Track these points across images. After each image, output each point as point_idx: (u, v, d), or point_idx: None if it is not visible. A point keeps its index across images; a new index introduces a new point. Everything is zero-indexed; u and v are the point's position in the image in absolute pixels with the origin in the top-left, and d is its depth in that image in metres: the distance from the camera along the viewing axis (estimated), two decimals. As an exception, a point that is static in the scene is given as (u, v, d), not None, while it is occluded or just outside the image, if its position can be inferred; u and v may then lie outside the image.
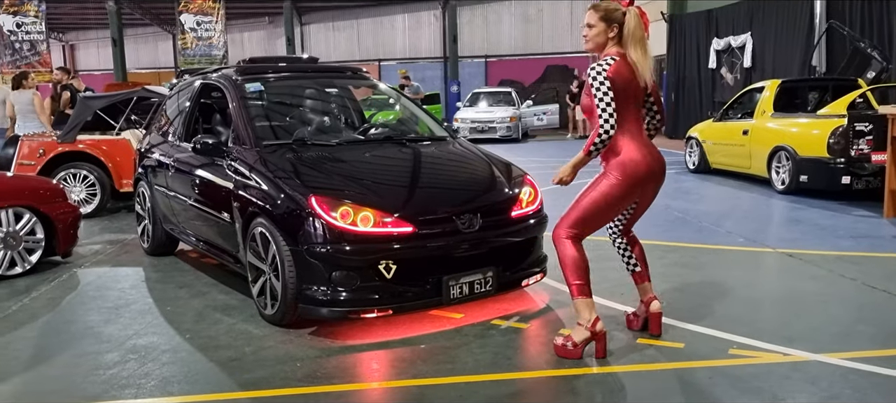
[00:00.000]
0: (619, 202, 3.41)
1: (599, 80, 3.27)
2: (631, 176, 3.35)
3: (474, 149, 4.95)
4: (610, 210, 3.42)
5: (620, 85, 3.31)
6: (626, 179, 3.35)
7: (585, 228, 3.44)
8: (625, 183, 3.36)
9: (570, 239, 3.41)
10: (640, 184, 3.42)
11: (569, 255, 3.40)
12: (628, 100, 3.37)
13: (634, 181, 3.37)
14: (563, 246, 3.42)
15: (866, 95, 8.55)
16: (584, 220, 3.41)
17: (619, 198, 3.39)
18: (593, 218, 3.42)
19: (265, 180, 4.17)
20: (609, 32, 3.38)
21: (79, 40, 34.29)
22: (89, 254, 6.27)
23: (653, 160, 3.43)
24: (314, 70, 5.71)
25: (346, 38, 29.48)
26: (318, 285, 3.81)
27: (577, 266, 3.39)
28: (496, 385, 3.26)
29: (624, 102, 3.34)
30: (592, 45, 3.43)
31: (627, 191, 3.39)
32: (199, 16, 24.88)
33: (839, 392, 3.10)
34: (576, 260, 3.39)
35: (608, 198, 3.37)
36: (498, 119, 18.21)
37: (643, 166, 3.38)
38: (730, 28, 15.30)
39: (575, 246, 3.41)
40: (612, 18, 3.36)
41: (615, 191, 3.36)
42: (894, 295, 4.48)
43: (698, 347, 3.65)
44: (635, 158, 3.36)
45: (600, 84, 3.27)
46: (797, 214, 7.45)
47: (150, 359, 3.68)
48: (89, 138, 8.48)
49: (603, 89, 3.26)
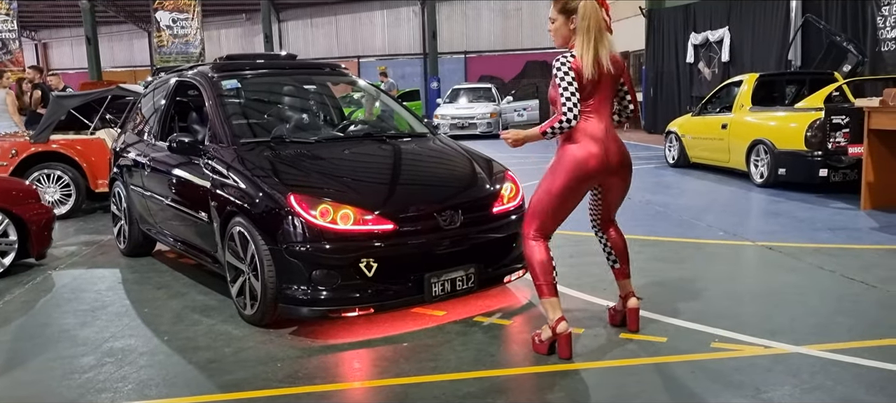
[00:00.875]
0: (571, 193, 3.35)
1: (563, 71, 3.24)
2: (578, 169, 3.30)
3: (455, 145, 4.92)
4: (564, 202, 3.37)
5: (581, 77, 3.26)
6: (574, 172, 3.30)
7: (547, 223, 3.40)
8: (571, 176, 3.31)
9: (534, 239, 3.39)
10: (594, 175, 3.37)
11: (533, 256, 3.38)
12: (593, 91, 3.32)
13: (582, 174, 3.32)
14: (529, 247, 3.40)
15: (842, 88, 8.65)
16: (543, 215, 3.38)
17: (571, 187, 3.33)
18: (552, 211, 3.38)
19: (243, 179, 4.11)
20: (569, 24, 3.34)
21: (52, 39, 33.79)
22: (64, 256, 6.16)
23: (609, 154, 3.36)
24: (292, 66, 5.64)
25: (325, 35, 29.31)
26: (298, 284, 3.76)
27: (541, 266, 3.36)
28: (479, 382, 3.23)
29: (589, 93, 3.30)
30: (559, 40, 3.40)
31: (578, 180, 3.33)
32: (174, 13, 24.59)
33: (821, 383, 3.11)
34: (540, 261, 3.36)
35: (558, 191, 3.33)
36: (478, 115, 18.21)
37: (595, 161, 3.32)
38: (707, 22, 15.40)
39: (540, 245, 3.38)
40: (569, 9, 3.32)
41: (563, 183, 3.32)
42: (872, 287, 4.52)
43: (680, 341, 3.65)
44: (590, 151, 3.31)
45: (564, 74, 3.23)
46: (776, 207, 7.52)
47: (127, 362, 3.61)
48: (63, 138, 8.33)
49: (567, 80, 3.23)
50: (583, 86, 3.27)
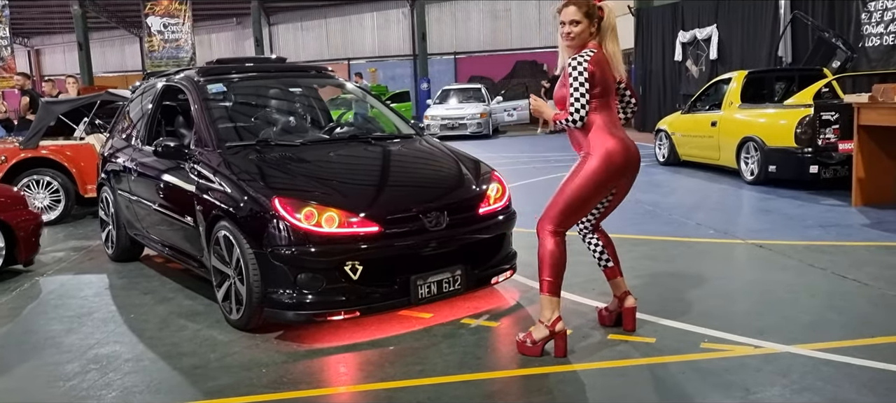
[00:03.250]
0: (600, 190, 3.40)
1: (580, 70, 3.25)
2: (612, 163, 3.35)
3: (441, 146, 4.89)
4: (592, 198, 3.40)
5: (599, 76, 3.32)
6: (608, 166, 3.35)
7: (568, 220, 3.42)
8: (605, 169, 3.35)
9: (553, 235, 3.38)
10: (620, 173, 3.42)
11: (550, 251, 3.37)
12: (607, 91, 3.39)
13: (615, 168, 3.37)
14: (546, 241, 3.39)
15: (832, 85, 8.65)
16: (567, 212, 3.38)
17: (600, 184, 3.37)
18: (577, 208, 3.40)
19: (228, 182, 4.07)
20: (591, 27, 3.38)
21: (44, 45, 33.63)
22: (52, 262, 6.10)
23: (631, 149, 3.44)
24: (278, 70, 5.60)
25: (315, 38, 29.26)
26: (283, 288, 3.72)
27: (556, 263, 3.36)
28: (465, 385, 3.20)
29: (603, 93, 3.36)
30: (579, 42, 3.38)
31: (608, 178, 3.38)
32: (165, 18, 24.50)
33: (811, 383, 3.09)
34: (556, 257, 3.36)
35: (592, 183, 3.35)
36: (468, 115, 18.18)
37: (623, 154, 3.38)
38: (695, 20, 15.42)
39: (557, 241, 3.38)
40: (593, 13, 3.37)
41: (597, 177, 3.35)
42: (863, 284, 4.51)
43: (670, 341, 3.63)
44: (617, 147, 3.37)
45: (580, 74, 3.25)
46: (767, 205, 7.51)
47: (112, 369, 3.57)
48: (52, 143, 8.27)
49: (581, 79, 3.25)
50: (598, 86, 3.31)
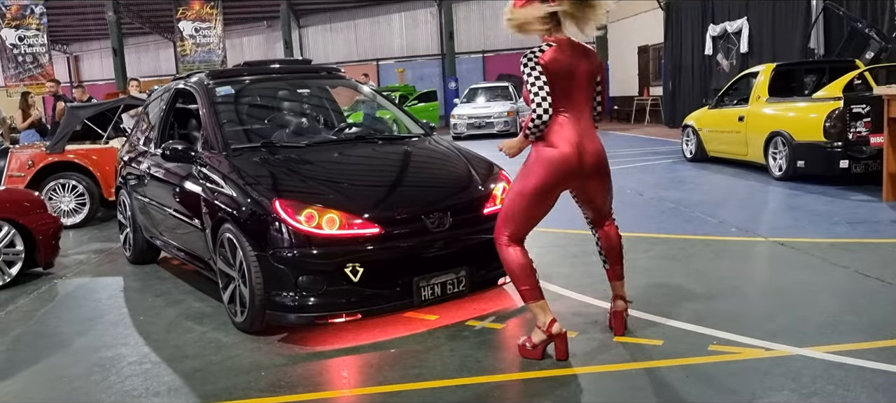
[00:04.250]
0: (546, 195, 3.23)
1: (530, 67, 3.13)
2: (553, 169, 3.18)
3: (451, 146, 4.83)
4: (538, 203, 3.25)
5: (555, 71, 3.15)
6: (548, 173, 3.18)
7: (519, 227, 3.28)
8: (546, 177, 3.19)
9: (508, 245, 3.28)
10: (568, 178, 3.25)
11: (512, 262, 3.27)
12: (569, 87, 3.20)
13: (558, 175, 3.20)
14: (505, 253, 3.29)
15: (865, 76, 8.36)
16: (515, 218, 3.27)
17: (544, 190, 3.21)
18: (523, 214, 3.26)
19: (231, 185, 4.08)
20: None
21: (82, 51, 34.45)
22: (73, 265, 6.20)
23: (584, 153, 3.24)
24: (289, 72, 5.60)
25: (344, 39, 29.43)
26: (285, 290, 3.70)
27: (522, 271, 3.25)
28: (462, 389, 3.14)
29: (563, 89, 3.18)
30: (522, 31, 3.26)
31: (553, 182, 3.21)
32: (197, 22, 24.88)
33: (821, 388, 2.96)
34: (520, 265, 3.26)
35: (529, 193, 3.21)
36: (495, 114, 18.06)
37: (571, 160, 3.20)
38: (725, 13, 15.09)
39: (516, 249, 3.27)
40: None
41: (535, 186, 3.20)
42: (887, 283, 4.33)
43: (677, 344, 3.51)
44: (563, 151, 3.19)
45: (531, 70, 3.13)
46: (794, 201, 7.29)
47: (114, 372, 3.59)
48: (79, 147, 8.43)
49: (534, 75, 3.13)
50: (555, 83, 3.15)
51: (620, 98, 21.77)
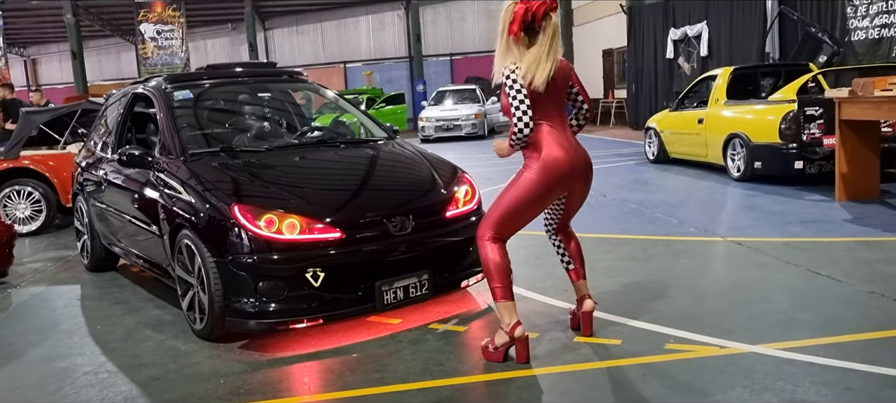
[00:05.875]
0: (540, 199, 3.30)
1: (512, 78, 3.17)
2: (551, 173, 3.24)
3: (413, 150, 4.84)
4: (531, 208, 3.31)
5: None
6: (546, 176, 3.24)
7: (506, 228, 3.33)
8: (544, 180, 3.25)
9: (491, 241, 3.31)
10: (562, 182, 3.31)
11: (490, 259, 3.29)
12: (548, 96, 3.25)
13: (554, 178, 3.26)
14: (485, 249, 3.32)
15: (818, 79, 8.58)
16: (505, 220, 3.30)
17: (539, 195, 3.28)
18: (514, 217, 3.31)
19: (189, 190, 4.03)
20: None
21: (40, 54, 33.70)
22: (28, 273, 6.06)
23: (576, 157, 3.32)
24: (249, 75, 5.55)
25: (311, 42, 29.26)
26: (245, 297, 3.67)
27: (500, 269, 3.29)
28: (423, 393, 3.15)
29: (543, 99, 3.23)
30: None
31: (548, 189, 3.28)
32: (159, 25, 24.52)
33: (771, 384, 3.03)
34: (497, 263, 3.29)
35: (528, 195, 3.26)
36: (463, 116, 18.11)
37: (565, 164, 3.27)
38: (686, 18, 15.36)
39: (497, 247, 3.31)
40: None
41: (534, 188, 3.25)
42: (837, 281, 4.45)
43: (635, 344, 3.57)
44: (557, 155, 3.25)
45: (513, 82, 3.17)
46: (751, 201, 7.45)
47: (68, 382, 3.52)
48: (34, 153, 8.24)
49: (515, 88, 3.17)
50: (534, 90, 3.19)
51: (585, 100, 21.98)
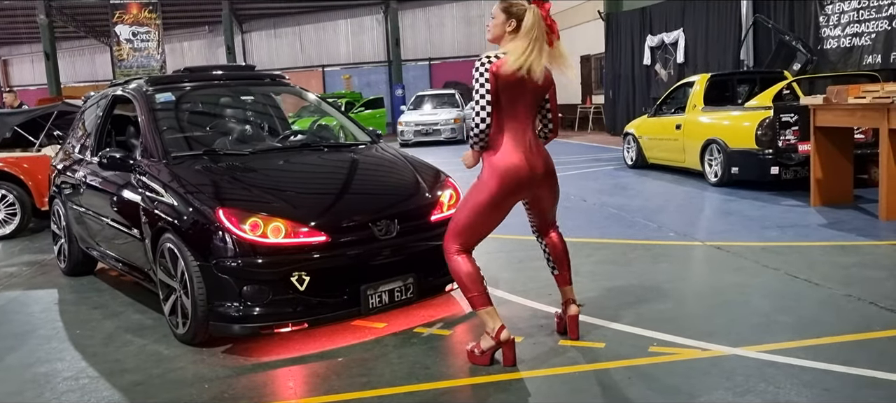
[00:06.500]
0: (498, 206, 3.29)
1: (480, 73, 3.18)
2: (506, 179, 3.23)
3: (397, 153, 4.85)
4: (491, 215, 3.29)
5: (505, 81, 3.19)
6: (501, 185, 3.23)
7: (471, 237, 3.33)
8: (500, 186, 3.23)
9: (457, 254, 3.31)
10: (520, 188, 3.30)
11: (460, 270, 3.30)
12: (516, 98, 3.24)
13: (511, 185, 3.25)
14: (453, 262, 3.32)
15: (793, 87, 8.74)
16: (467, 230, 3.31)
17: (497, 202, 3.26)
18: (476, 226, 3.30)
19: (172, 193, 3.99)
20: (506, 26, 3.27)
21: (12, 55, 33.12)
22: (3, 278, 5.96)
23: (534, 163, 3.30)
24: (231, 78, 5.51)
25: (289, 45, 29.11)
26: (229, 301, 3.65)
27: (471, 278, 3.29)
28: (410, 396, 3.15)
29: (510, 101, 3.23)
30: (491, 36, 3.35)
31: (504, 195, 3.26)
32: (134, 26, 24.23)
33: (754, 386, 3.08)
34: (468, 273, 3.29)
35: (485, 203, 3.25)
36: (442, 121, 18.14)
37: (523, 170, 3.25)
38: (663, 25, 15.54)
39: (464, 257, 3.31)
40: (512, 12, 3.25)
41: (491, 195, 3.25)
42: (814, 285, 4.53)
43: (619, 347, 3.60)
44: (514, 162, 3.24)
45: (480, 76, 3.18)
46: (728, 206, 7.56)
47: (49, 388, 3.47)
48: (8, 156, 8.10)
49: (480, 82, 3.18)
50: (502, 90, 3.20)
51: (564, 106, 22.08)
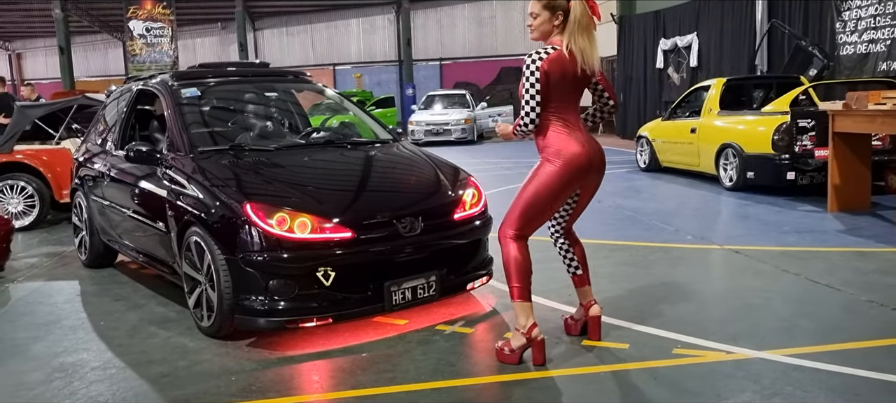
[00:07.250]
0: (561, 193, 3.33)
1: (531, 70, 3.22)
2: (571, 165, 3.28)
3: (418, 152, 4.87)
4: (552, 202, 3.34)
5: (556, 75, 3.24)
6: (566, 168, 3.28)
7: (529, 224, 3.35)
8: (565, 171, 3.28)
9: (513, 239, 3.34)
10: (581, 174, 3.35)
11: (512, 256, 3.32)
12: (566, 90, 3.29)
13: (574, 170, 3.30)
14: (508, 247, 3.34)
15: (809, 92, 8.73)
16: (527, 215, 3.33)
17: (560, 187, 3.31)
18: (536, 211, 3.33)
19: (199, 187, 4.03)
20: (554, 20, 3.30)
21: (26, 49, 33.37)
22: (24, 268, 6.01)
23: (592, 151, 3.37)
24: (255, 74, 5.56)
25: (300, 43, 29.21)
26: (255, 295, 3.68)
27: (520, 268, 3.32)
28: (437, 393, 3.17)
29: (561, 93, 3.27)
30: (538, 34, 3.37)
31: (568, 181, 3.31)
32: (148, 22, 24.38)
33: (781, 389, 3.09)
34: (519, 262, 3.32)
35: (549, 187, 3.29)
36: (453, 121, 18.18)
37: (584, 156, 3.31)
38: (676, 28, 15.53)
39: (519, 246, 3.34)
40: (556, 6, 3.28)
41: (555, 180, 3.29)
42: (835, 290, 4.53)
43: (643, 348, 3.62)
44: (577, 150, 3.30)
45: (531, 73, 3.22)
46: (744, 210, 7.55)
47: (77, 377, 3.50)
48: (28, 148, 8.17)
49: (532, 80, 3.22)
50: (556, 85, 3.24)
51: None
